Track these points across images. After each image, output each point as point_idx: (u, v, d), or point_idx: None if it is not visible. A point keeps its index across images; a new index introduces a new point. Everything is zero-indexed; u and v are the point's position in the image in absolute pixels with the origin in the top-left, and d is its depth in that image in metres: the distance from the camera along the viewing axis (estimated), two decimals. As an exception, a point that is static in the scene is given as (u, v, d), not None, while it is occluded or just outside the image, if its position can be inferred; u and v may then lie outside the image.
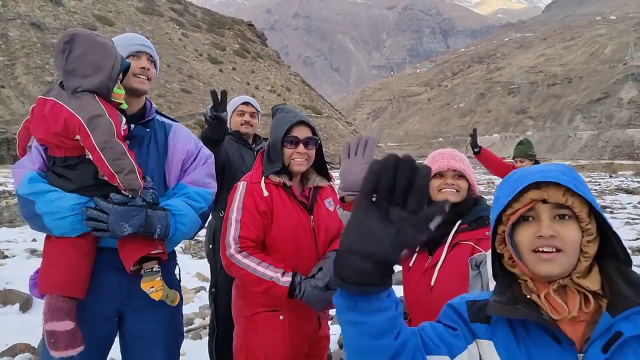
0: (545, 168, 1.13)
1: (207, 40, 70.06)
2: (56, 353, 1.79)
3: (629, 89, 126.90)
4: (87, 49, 1.87)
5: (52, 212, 1.80)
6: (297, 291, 2.08)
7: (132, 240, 1.89)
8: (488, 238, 2.02)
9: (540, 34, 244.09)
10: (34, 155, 1.94)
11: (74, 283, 1.85)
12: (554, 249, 1.06)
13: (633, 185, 32.94)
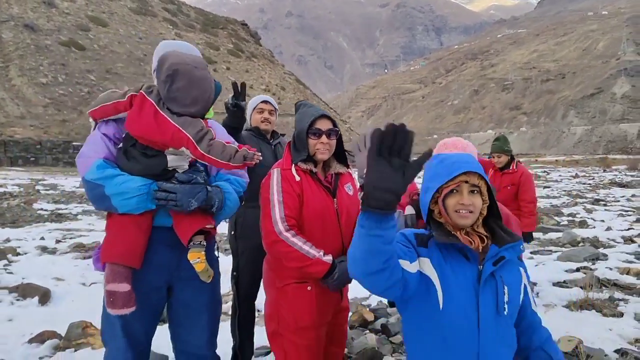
0: (468, 159, 1.76)
1: (201, 40, 70.02)
2: (113, 311, 2.06)
3: (622, 83, 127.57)
4: (188, 83, 2.11)
5: (121, 192, 2.07)
6: (336, 271, 2.35)
7: (189, 216, 2.17)
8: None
9: (533, 30, 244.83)
10: (98, 146, 2.18)
11: (132, 254, 2.11)
12: (468, 211, 1.71)
13: (626, 179, 33.27)
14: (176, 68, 2.09)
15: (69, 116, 41.89)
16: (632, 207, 15.91)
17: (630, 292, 5.71)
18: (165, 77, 2.10)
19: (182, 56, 2.16)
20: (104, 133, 2.22)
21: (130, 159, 2.14)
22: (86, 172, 2.11)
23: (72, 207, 14.49)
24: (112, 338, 2.25)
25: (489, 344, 1.66)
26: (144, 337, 2.31)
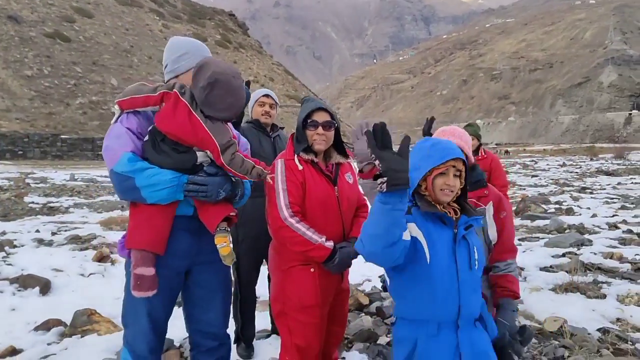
0: (455, 147, 2.07)
1: (188, 31, 69.46)
2: (139, 293, 2.22)
3: (609, 72, 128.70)
4: (226, 91, 2.27)
5: (153, 184, 2.20)
6: (337, 256, 2.53)
7: (214, 205, 2.35)
8: (486, 196, 2.46)
9: (521, 19, 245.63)
10: (123, 140, 2.29)
11: (158, 241, 2.27)
12: (450, 191, 2.02)
13: (613, 167, 33.80)
14: (218, 77, 2.25)
15: (56, 109, 41.48)
16: (617, 194, 16.25)
17: (613, 275, 5.94)
18: (205, 84, 2.23)
19: (222, 65, 2.32)
20: (128, 127, 2.33)
21: (160, 153, 2.28)
22: (115, 165, 2.23)
23: (63, 200, 14.48)
24: (135, 321, 2.39)
25: (466, 294, 2.00)
26: (164, 319, 2.46)
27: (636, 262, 6.28)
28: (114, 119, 2.39)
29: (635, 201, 13.86)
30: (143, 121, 2.37)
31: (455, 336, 1.98)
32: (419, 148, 2.12)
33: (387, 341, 3.84)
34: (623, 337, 4.09)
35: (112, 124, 2.39)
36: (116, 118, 2.38)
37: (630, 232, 8.57)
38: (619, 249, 7.17)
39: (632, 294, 5.10)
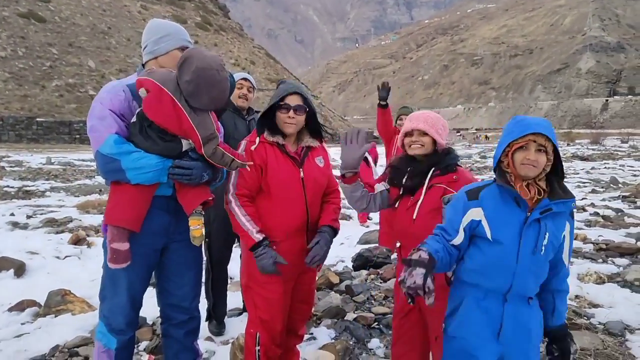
0: (541, 122, 2.04)
1: (168, 12, 68.29)
2: (114, 265, 2.35)
3: (587, 59, 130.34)
4: (211, 85, 2.34)
5: (138, 167, 2.29)
6: (260, 249, 2.63)
7: (193, 189, 2.46)
8: (456, 181, 2.51)
9: (503, 5, 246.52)
10: (108, 121, 2.36)
11: (136, 220, 2.37)
12: (532, 165, 2.00)
13: (588, 152, 34.48)
14: (201, 72, 2.31)
15: (31, 91, 40.63)
16: (590, 179, 16.67)
17: (575, 255, 6.18)
18: (189, 78, 2.30)
19: (206, 59, 2.35)
20: (110, 109, 2.38)
21: (147, 139, 2.35)
22: (101, 146, 2.30)
23: (40, 184, 14.33)
24: (114, 295, 2.50)
25: (522, 275, 2.07)
26: (141, 294, 2.58)
27: (598, 243, 6.53)
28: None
29: (605, 185, 14.26)
30: (124, 103, 2.43)
31: (501, 307, 2.09)
32: (505, 128, 2.13)
33: (354, 317, 3.99)
34: (579, 313, 4.31)
35: (93, 106, 2.45)
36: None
37: (596, 215, 8.87)
38: (584, 231, 7.44)
39: (592, 272, 5.33)
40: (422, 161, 2.61)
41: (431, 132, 2.58)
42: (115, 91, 2.43)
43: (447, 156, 2.61)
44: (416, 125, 2.59)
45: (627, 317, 4.23)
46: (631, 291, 4.91)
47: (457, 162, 2.62)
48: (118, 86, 2.46)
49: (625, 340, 3.87)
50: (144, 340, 3.67)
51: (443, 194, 2.49)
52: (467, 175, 2.58)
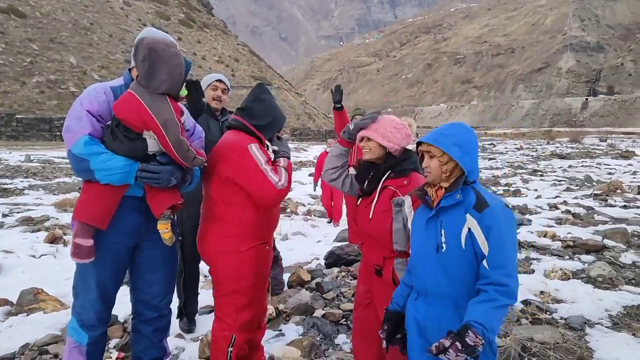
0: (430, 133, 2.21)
1: (151, 9, 67.63)
2: (77, 260, 2.43)
3: (568, 58, 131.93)
4: (162, 60, 2.43)
5: (105, 169, 2.37)
6: None
7: (162, 192, 2.54)
8: (406, 185, 2.61)
9: (485, 4, 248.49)
10: (83, 122, 2.45)
11: (102, 218, 2.45)
12: (427, 172, 2.19)
13: (567, 150, 35.02)
14: (152, 46, 2.42)
15: (11, 87, 39.97)
16: (566, 177, 16.99)
17: (544, 252, 6.36)
18: (142, 57, 2.42)
19: (157, 37, 2.49)
20: (88, 109, 2.47)
21: (115, 139, 2.44)
22: (72, 146, 2.40)
23: (18, 182, 14.17)
24: (86, 292, 2.57)
25: (430, 274, 2.13)
26: (113, 291, 2.65)
27: (566, 240, 6.73)
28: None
29: (580, 183, 14.55)
30: (104, 104, 2.51)
31: (425, 308, 2.17)
32: None
33: (322, 314, 4.09)
34: (543, 308, 4.46)
35: (73, 106, 2.53)
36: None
37: (567, 213, 9.09)
38: (554, 228, 7.63)
39: (557, 269, 5.50)
40: (379, 164, 2.73)
41: (374, 137, 2.69)
42: (96, 92, 2.52)
43: (404, 161, 2.71)
44: (362, 132, 2.75)
45: (588, 312, 4.39)
46: (594, 287, 5.09)
47: (414, 167, 2.70)
48: (100, 88, 2.56)
49: (584, 335, 4.02)
50: (114, 337, 3.73)
51: (392, 196, 2.60)
52: (419, 181, 2.65)
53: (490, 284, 1.99)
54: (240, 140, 2.75)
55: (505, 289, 1.97)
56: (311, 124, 61.07)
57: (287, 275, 5.23)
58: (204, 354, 3.36)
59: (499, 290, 1.96)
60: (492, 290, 1.97)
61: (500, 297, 1.96)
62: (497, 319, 1.97)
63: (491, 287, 1.98)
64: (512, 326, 4.03)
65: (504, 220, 2.06)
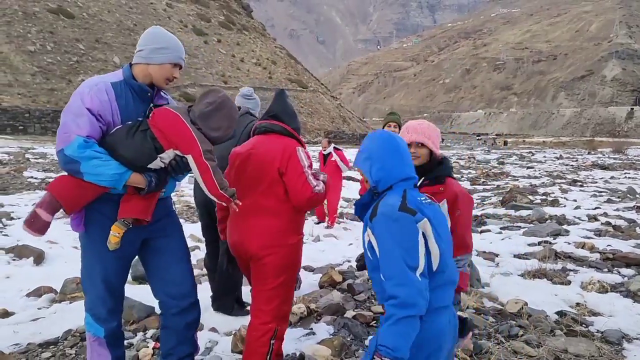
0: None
1: (192, 11, 69.01)
2: (27, 229, 2.37)
3: (613, 66, 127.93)
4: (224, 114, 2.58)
5: (95, 174, 2.35)
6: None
7: (140, 201, 2.52)
8: (442, 192, 2.60)
9: (527, 9, 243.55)
10: (82, 121, 2.38)
11: (73, 204, 2.41)
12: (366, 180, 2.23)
13: (609, 161, 33.94)
14: (225, 100, 2.59)
15: (58, 85, 41.45)
16: (607, 188, 16.47)
17: (581, 263, 6.22)
18: (212, 100, 2.56)
19: (230, 100, 2.63)
20: (89, 108, 2.39)
21: (128, 138, 2.42)
22: (65, 146, 2.32)
23: (62, 176, 14.72)
24: (93, 287, 2.60)
25: (373, 280, 2.16)
26: (119, 284, 2.68)
27: (605, 253, 6.54)
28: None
29: (622, 195, 14.10)
30: (105, 104, 2.44)
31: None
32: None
33: (353, 315, 4.12)
34: (578, 320, 4.37)
35: (72, 100, 2.47)
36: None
37: (608, 224, 8.84)
38: (593, 240, 7.43)
39: (595, 281, 5.37)
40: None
41: (428, 144, 2.66)
42: (98, 90, 2.44)
43: (438, 167, 2.69)
44: (415, 137, 2.67)
45: (626, 327, 4.28)
46: (633, 301, 4.95)
47: (448, 173, 2.68)
48: (102, 85, 2.47)
49: (622, 349, 3.92)
50: (151, 328, 3.84)
51: None
52: (454, 188, 2.63)
53: (388, 298, 1.91)
54: (290, 143, 2.89)
55: (397, 300, 1.86)
56: (345, 128, 61.05)
57: (319, 276, 5.28)
58: (236, 348, 3.43)
59: (392, 304, 1.88)
60: (388, 306, 1.90)
61: (395, 311, 1.86)
62: (399, 335, 1.84)
63: (387, 303, 1.91)
64: (546, 337, 3.97)
65: (384, 226, 1.97)
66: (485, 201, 13.45)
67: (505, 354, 3.62)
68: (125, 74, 2.57)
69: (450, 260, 2.12)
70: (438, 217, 2.11)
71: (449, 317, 2.08)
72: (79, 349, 3.51)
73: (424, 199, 2.14)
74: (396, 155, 2.14)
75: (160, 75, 2.60)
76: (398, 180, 2.12)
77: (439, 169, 2.69)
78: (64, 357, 3.43)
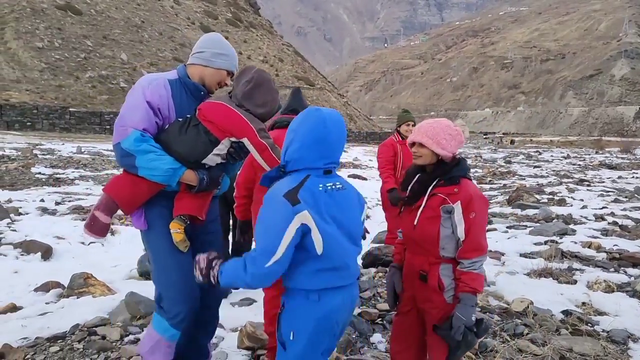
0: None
1: (199, 8, 69.10)
2: (88, 233, 2.45)
3: (622, 65, 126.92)
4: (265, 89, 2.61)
5: (150, 168, 2.38)
6: None
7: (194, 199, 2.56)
8: (456, 193, 2.58)
9: (535, 8, 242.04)
10: (139, 114, 2.43)
11: (128, 202, 2.46)
12: None
13: (617, 161, 33.74)
14: (260, 74, 2.62)
15: (65, 81, 41.63)
16: (614, 188, 16.39)
17: (587, 263, 6.20)
18: (249, 78, 2.59)
19: (264, 72, 2.69)
20: (149, 101, 2.45)
21: (181, 134, 2.47)
22: (122, 140, 2.38)
23: (70, 172, 14.79)
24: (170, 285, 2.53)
25: None
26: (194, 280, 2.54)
27: (612, 252, 6.52)
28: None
29: (630, 195, 14.03)
30: (163, 99, 2.50)
31: None
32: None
33: (358, 312, 4.13)
34: (584, 320, 4.36)
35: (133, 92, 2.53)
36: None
37: (614, 224, 8.80)
38: (599, 239, 7.41)
39: (601, 280, 5.36)
40: (428, 171, 2.69)
41: (429, 144, 2.63)
42: (157, 85, 2.51)
43: (454, 168, 2.65)
44: (415, 137, 2.69)
45: (632, 326, 4.28)
46: (639, 301, 4.94)
47: (464, 174, 2.65)
48: (161, 81, 2.54)
49: (627, 349, 3.92)
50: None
51: (442, 203, 2.57)
52: (469, 189, 2.60)
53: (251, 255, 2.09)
54: None
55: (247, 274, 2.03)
56: (352, 126, 60.99)
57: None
58: (242, 344, 3.46)
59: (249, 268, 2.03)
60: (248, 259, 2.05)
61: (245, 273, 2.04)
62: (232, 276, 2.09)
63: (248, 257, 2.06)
64: (551, 336, 3.97)
65: (264, 206, 2.08)
66: (491, 200, 13.42)
67: (511, 352, 3.63)
68: (181, 73, 2.65)
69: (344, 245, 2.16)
70: (342, 204, 2.17)
71: (343, 297, 2.17)
72: (86, 344, 3.54)
73: (332, 185, 2.16)
74: (316, 146, 2.13)
75: (214, 79, 2.67)
76: (307, 167, 2.14)
77: (454, 170, 2.66)
78: (72, 351, 3.46)
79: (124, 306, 4.03)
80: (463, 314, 2.45)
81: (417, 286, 2.65)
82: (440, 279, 2.55)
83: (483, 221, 2.63)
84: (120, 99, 42.60)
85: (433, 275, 2.57)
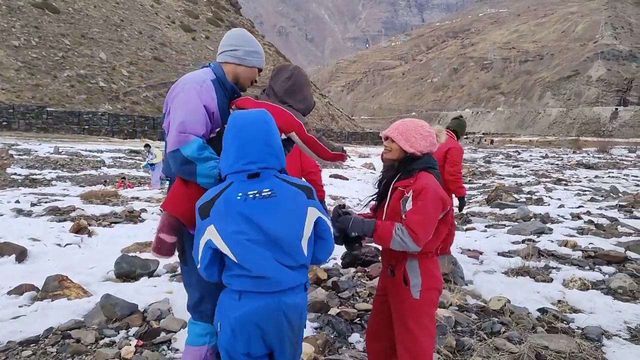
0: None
1: (180, 7, 68.52)
2: (157, 256, 2.40)
3: (598, 67, 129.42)
4: (303, 84, 2.63)
5: (210, 176, 2.29)
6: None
7: None
8: (412, 184, 2.62)
9: (514, 10, 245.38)
10: (198, 119, 2.35)
11: (190, 215, 2.30)
12: None
13: (593, 160, 34.38)
14: (297, 71, 2.65)
15: (43, 80, 40.93)
16: (591, 187, 16.70)
17: (564, 261, 6.30)
18: (288, 75, 2.60)
19: (300, 68, 2.70)
20: (205, 105, 2.38)
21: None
22: (182, 147, 2.27)
23: (46, 173, 14.58)
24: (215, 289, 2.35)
25: None
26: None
27: (587, 251, 6.63)
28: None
29: (605, 194, 14.30)
30: (213, 102, 2.43)
31: None
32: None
33: (337, 312, 4.13)
34: (559, 317, 4.43)
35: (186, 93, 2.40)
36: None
37: (590, 223, 8.96)
38: (575, 238, 7.53)
39: (576, 278, 5.45)
40: (393, 167, 2.76)
41: (398, 140, 2.70)
42: (207, 86, 2.43)
43: (414, 162, 2.70)
44: (388, 132, 2.77)
45: (606, 323, 4.35)
46: (613, 298, 5.03)
47: (423, 167, 2.67)
48: (208, 82, 2.46)
49: (601, 345, 3.98)
50: (134, 326, 3.82)
51: (401, 196, 2.62)
52: (423, 180, 2.61)
53: None
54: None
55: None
56: (334, 126, 61.09)
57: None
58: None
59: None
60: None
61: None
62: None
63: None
64: (528, 334, 4.01)
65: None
66: (471, 200, 13.55)
67: (488, 350, 3.66)
68: (219, 72, 2.56)
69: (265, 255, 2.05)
70: (268, 213, 2.07)
71: (267, 303, 2.06)
72: (60, 347, 3.48)
73: (256, 193, 2.08)
74: (231, 148, 2.12)
75: (247, 77, 2.65)
76: (229, 172, 2.12)
77: (414, 164, 2.71)
78: (45, 355, 3.40)
79: (100, 309, 3.97)
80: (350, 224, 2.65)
81: (387, 280, 2.74)
82: (406, 274, 2.59)
83: (429, 211, 2.54)
84: (100, 99, 42.08)
85: (399, 270, 2.64)
